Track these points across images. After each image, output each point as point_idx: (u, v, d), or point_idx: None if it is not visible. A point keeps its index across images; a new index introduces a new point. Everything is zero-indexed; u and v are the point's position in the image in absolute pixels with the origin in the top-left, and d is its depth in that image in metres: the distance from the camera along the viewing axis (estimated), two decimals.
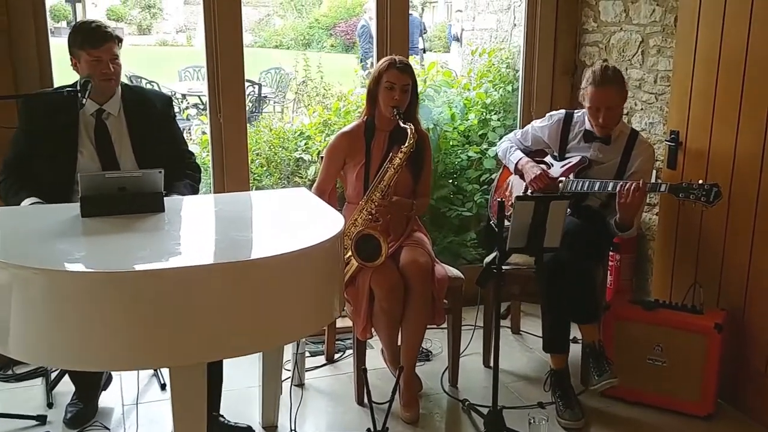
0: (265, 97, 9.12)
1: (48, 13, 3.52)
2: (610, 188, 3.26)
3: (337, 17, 17.73)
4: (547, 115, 3.62)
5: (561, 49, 4.32)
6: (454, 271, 3.37)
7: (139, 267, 2.06)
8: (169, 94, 3.19)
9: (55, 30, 20.26)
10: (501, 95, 4.76)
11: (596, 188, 3.30)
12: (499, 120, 4.74)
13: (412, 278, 3.09)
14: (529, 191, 3.56)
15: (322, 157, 3.45)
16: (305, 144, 4.52)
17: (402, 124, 3.13)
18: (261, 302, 2.09)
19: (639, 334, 3.24)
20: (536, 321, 3.87)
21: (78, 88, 2.79)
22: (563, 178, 3.44)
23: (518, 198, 2.77)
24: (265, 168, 4.39)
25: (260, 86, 8.55)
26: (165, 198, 2.58)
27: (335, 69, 8.69)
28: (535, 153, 3.64)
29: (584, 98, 3.35)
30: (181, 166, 3.16)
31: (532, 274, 3.34)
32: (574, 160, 3.46)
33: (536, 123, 3.65)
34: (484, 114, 4.78)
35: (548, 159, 3.61)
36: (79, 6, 19.94)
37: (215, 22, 3.63)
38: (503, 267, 2.87)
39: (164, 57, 11.93)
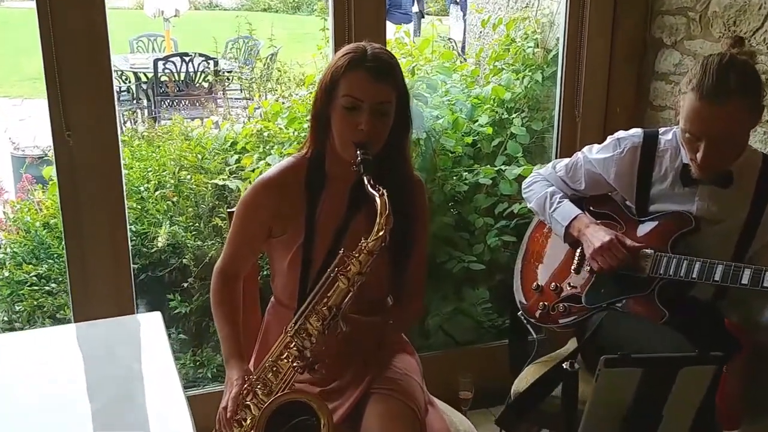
0: (229, 72, 7.50)
1: None
2: (745, 280, 1.81)
3: None
4: (612, 139, 2.15)
5: (624, 21, 2.79)
6: (462, 424, 1.90)
7: None
8: None
9: None
10: (526, 86, 3.25)
11: (717, 277, 1.86)
12: (522, 122, 3.23)
13: None
14: (586, 268, 2.10)
15: (231, 213, 1.97)
16: (236, 162, 3.01)
17: (369, 188, 1.64)
18: None
19: None
20: None
21: None
22: (649, 251, 1.99)
23: (607, 362, 1.27)
24: (174, 201, 2.89)
25: (216, 61, 6.96)
26: None
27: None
28: (591, 201, 2.19)
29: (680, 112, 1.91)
30: None
31: None
32: (667, 218, 2.01)
33: (593, 152, 2.17)
34: (500, 113, 3.27)
35: (616, 205, 2.16)
36: None
37: None
38: None
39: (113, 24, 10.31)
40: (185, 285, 2.74)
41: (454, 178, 3.13)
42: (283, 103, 3.07)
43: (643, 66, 2.84)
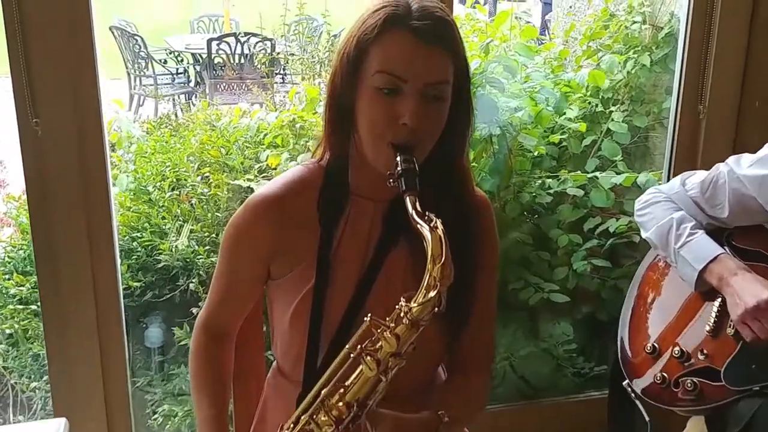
0: (291, 55, 7.01)
1: None
2: None
3: None
4: None
5: None
6: None
7: None
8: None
9: None
10: (629, 72, 2.61)
11: None
12: (623, 117, 2.59)
13: None
14: (729, 330, 1.48)
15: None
16: (266, 159, 2.47)
17: (415, 217, 1.06)
18: None
19: None
20: None
21: None
22: None
23: None
24: (191, 203, 2.37)
25: (273, 42, 6.46)
26: None
27: None
28: (735, 234, 1.57)
29: None
30: None
31: None
32: None
33: (743, 165, 1.55)
34: (593, 105, 2.64)
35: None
36: None
37: None
38: None
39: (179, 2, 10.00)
40: (194, 311, 2.22)
41: (534, 184, 2.53)
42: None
43: None
